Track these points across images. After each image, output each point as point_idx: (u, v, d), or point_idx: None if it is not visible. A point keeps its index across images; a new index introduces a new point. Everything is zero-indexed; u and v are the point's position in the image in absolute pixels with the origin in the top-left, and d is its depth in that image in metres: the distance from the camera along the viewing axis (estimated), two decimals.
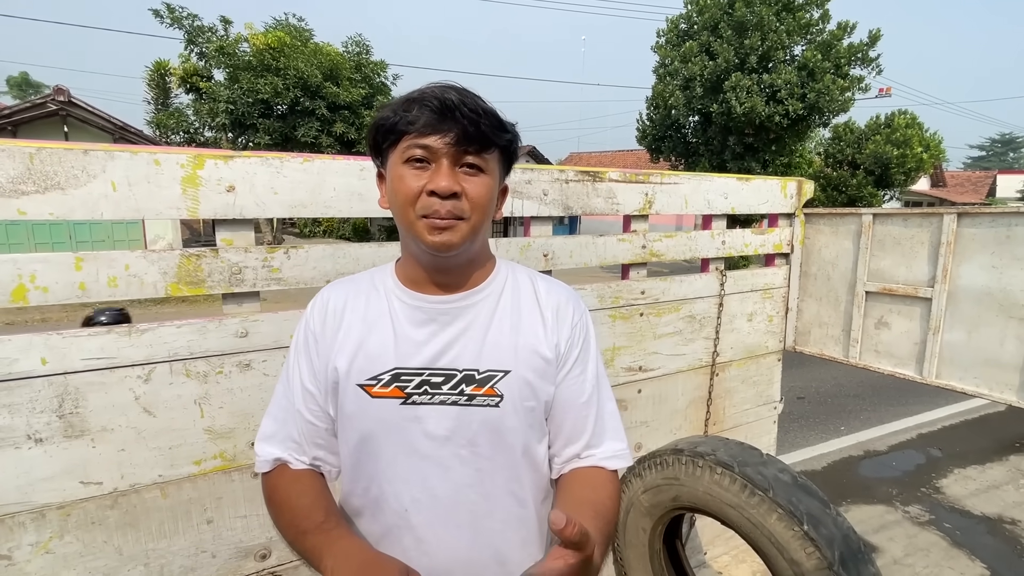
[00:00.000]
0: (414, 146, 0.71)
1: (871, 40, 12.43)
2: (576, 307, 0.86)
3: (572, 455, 0.84)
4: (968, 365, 1.89)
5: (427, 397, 0.77)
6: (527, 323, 0.81)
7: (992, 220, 1.79)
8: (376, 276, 0.85)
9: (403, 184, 0.72)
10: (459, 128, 0.69)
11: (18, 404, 1.04)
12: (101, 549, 1.14)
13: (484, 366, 0.77)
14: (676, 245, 1.94)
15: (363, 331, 0.79)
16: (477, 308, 0.80)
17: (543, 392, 0.81)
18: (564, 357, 0.82)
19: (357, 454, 0.80)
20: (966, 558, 2.82)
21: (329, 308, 0.82)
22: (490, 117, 0.72)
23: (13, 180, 1.00)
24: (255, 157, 1.20)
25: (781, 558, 1.31)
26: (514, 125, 0.77)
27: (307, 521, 0.73)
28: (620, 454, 0.85)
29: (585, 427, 0.84)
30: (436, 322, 0.79)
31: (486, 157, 0.73)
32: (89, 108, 11.45)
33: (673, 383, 2.02)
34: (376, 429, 0.77)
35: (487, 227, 0.79)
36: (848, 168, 17.55)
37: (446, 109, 0.69)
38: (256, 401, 1.26)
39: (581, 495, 0.79)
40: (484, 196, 0.74)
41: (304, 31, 14.77)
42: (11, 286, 1.02)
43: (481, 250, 0.82)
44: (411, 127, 0.70)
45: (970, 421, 4.96)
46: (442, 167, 0.71)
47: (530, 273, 0.88)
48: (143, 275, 1.12)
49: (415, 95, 0.72)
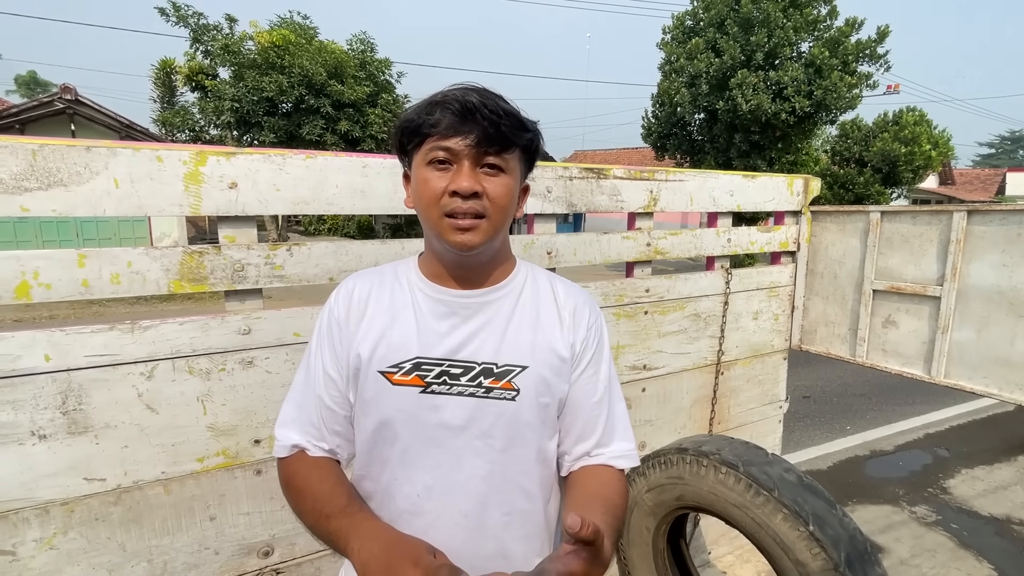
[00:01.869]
0: (437, 148, 0.74)
1: (879, 36, 12.29)
2: (592, 310, 0.89)
3: (582, 453, 0.86)
4: (977, 364, 1.87)
5: (446, 387, 0.79)
6: (545, 322, 0.84)
7: (1003, 218, 1.77)
8: (400, 269, 0.88)
9: (427, 185, 0.75)
10: (480, 130, 0.72)
11: (22, 401, 1.04)
12: (105, 545, 1.15)
13: (503, 360, 0.80)
14: (681, 243, 1.93)
15: (387, 320, 0.82)
16: (498, 304, 0.83)
17: (558, 389, 0.83)
18: (579, 357, 0.85)
19: (374, 439, 0.82)
20: (973, 559, 2.80)
21: (354, 297, 0.84)
22: (511, 118, 0.74)
23: (16, 177, 1.00)
24: (257, 154, 1.19)
25: (786, 558, 1.30)
26: (536, 123, 0.80)
27: (330, 505, 0.75)
28: (628, 454, 0.88)
29: (596, 426, 0.86)
30: (457, 315, 0.82)
31: (506, 157, 0.76)
32: (96, 106, 11.52)
33: (678, 382, 2.01)
34: (394, 416, 0.79)
35: (508, 225, 0.82)
36: (855, 166, 17.40)
37: (467, 111, 0.72)
38: (259, 398, 1.26)
39: (592, 490, 0.81)
40: (504, 196, 0.76)
41: (309, 29, 14.77)
42: (14, 283, 1.02)
43: (502, 248, 0.85)
44: (434, 130, 0.73)
45: (978, 421, 4.92)
46: (463, 168, 0.73)
47: (549, 275, 0.92)
48: (146, 272, 1.12)
49: (438, 98, 0.75)
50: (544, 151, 0.86)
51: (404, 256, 1.39)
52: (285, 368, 1.27)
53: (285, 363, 1.27)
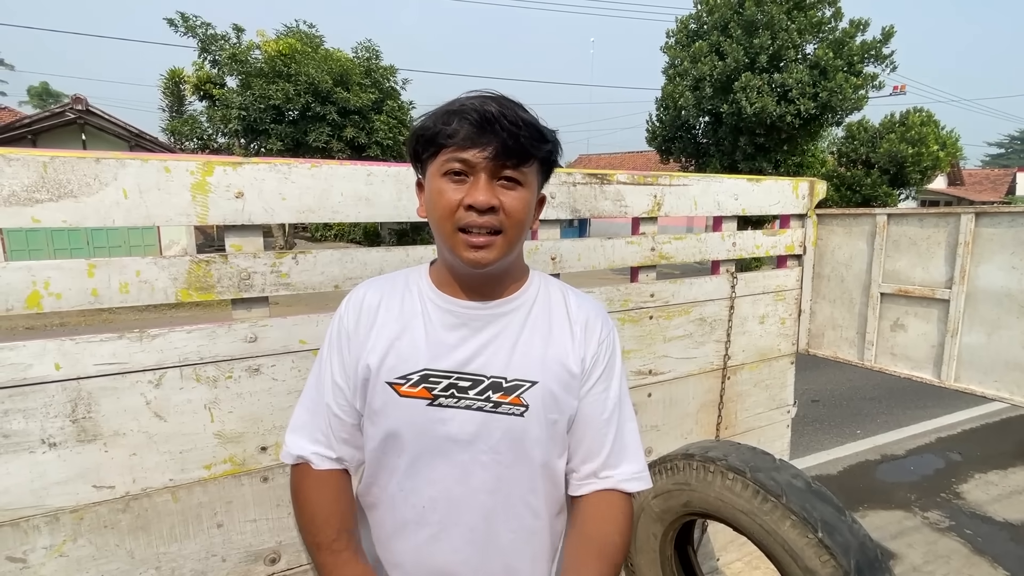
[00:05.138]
0: (453, 159, 0.71)
1: (884, 37, 12.25)
2: (604, 324, 0.86)
3: (589, 473, 0.84)
4: (988, 368, 1.85)
5: (453, 400, 0.78)
6: (557, 336, 0.82)
7: (1012, 220, 1.75)
8: (411, 276, 0.86)
9: (442, 197, 0.72)
10: (498, 142, 0.69)
11: (33, 409, 1.06)
12: (113, 552, 1.16)
13: (512, 375, 0.78)
14: (686, 247, 1.92)
15: (396, 330, 0.80)
16: (509, 317, 0.81)
17: (567, 406, 0.81)
18: (589, 372, 0.83)
19: (381, 448, 0.81)
20: (988, 565, 2.75)
21: (364, 305, 0.83)
22: (530, 128, 0.71)
23: (28, 188, 1.02)
24: (263, 163, 1.21)
25: (795, 566, 1.29)
26: (555, 133, 0.77)
27: (320, 535, 0.77)
28: (638, 476, 0.85)
29: (603, 445, 0.84)
30: (468, 327, 0.80)
31: (525, 170, 0.73)
32: (106, 116, 11.69)
33: (684, 387, 2.00)
34: (401, 427, 0.79)
35: (523, 239, 0.80)
36: (862, 167, 17.29)
37: (485, 122, 0.69)
38: (265, 406, 1.26)
39: (589, 531, 0.80)
40: (521, 210, 0.74)
41: (315, 37, 14.94)
42: (26, 292, 1.04)
43: (516, 261, 0.83)
44: (450, 140, 0.70)
45: (991, 425, 4.85)
46: (480, 181, 0.71)
47: (562, 287, 0.89)
48: (154, 281, 1.14)
49: (455, 106, 0.72)
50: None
51: (409, 264, 1.40)
52: (291, 375, 1.28)
53: (291, 370, 1.28)
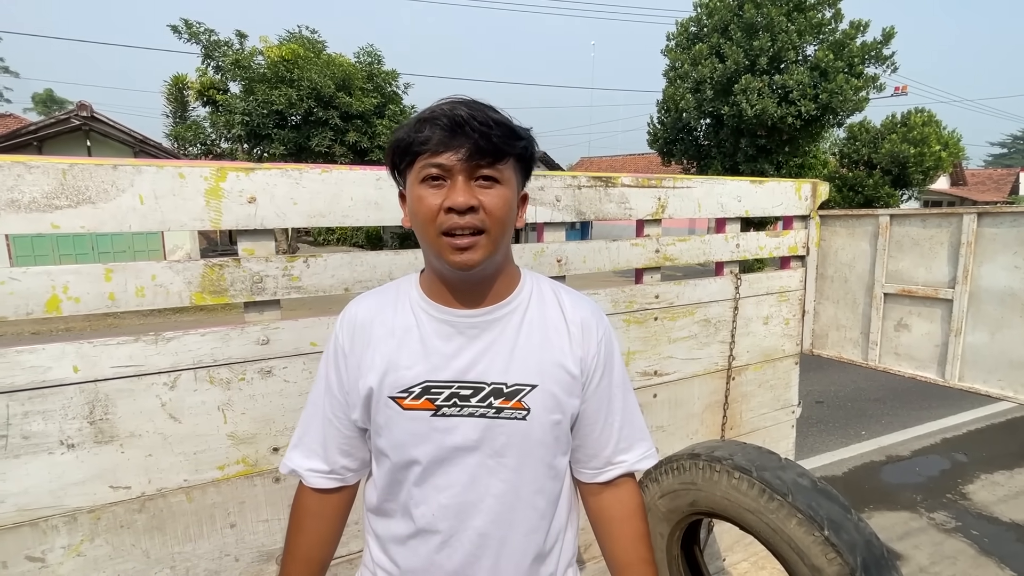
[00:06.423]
0: (429, 165, 0.72)
1: (885, 38, 12.25)
2: (599, 322, 0.87)
3: (604, 461, 0.88)
4: (992, 367, 1.85)
5: (456, 409, 0.79)
6: (554, 338, 0.83)
7: (1014, 219, 1.76)
8: (401, 287, 0.87)
9: (422, 204, 0.73)
10: (471, 143, 0.70)
11: (51, 411, 1.08)
12: (129, 552, 1.17)
13: (512, 380, 0.79)
14: (690, 249, 1.94)
15: (392, 345, 0.81)
16: (504, 322, 0.82)
17: (569, 406, 0.83)
18: (591, 373, 0.84)
19: (389, 461, 0.83)
20: (995, 566, 2.75)
21: (357, 324, 0.84)
22: (501, 127, 0.72)
23: (47, 195, 1.04)
24: (275, 169, 1.23)
25: (802, 564, 1.30)
26: (528, 130, 0.78)
27: (286, 568, 0.88)
28: (648, 454, 0.91)
29: (610, 436, 0.87)
30: (464, 335, 0.80)
31: (500, 168, 0.74)
32: (110, 122, 11.77)
33: (689, 387, 2.01)
34: (407, 440, 0.80)
35: (509, 237, 0.80)
36: (864, 168, 17.28)
37: (456, 126, 0.70)
38: (277, 407, 1.28)
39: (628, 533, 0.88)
40: (501, 207, 0.74)
41: (317, 43, 15.02)
42: (45, 297, 1.06)
43: (504, 261, 0.83)
44: (424, 147, 0.72)
45: (996, 425, 4.84)
46: (457, 183, 0.72)
47: (553, 285, 0.89)
48: (169, 285, 1.16)
49: (426, 114, 0.73)
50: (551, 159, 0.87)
51: (418, 266, 1.42)
52: (302, 377, 1.30)
53: (302, 372, 1.30)
